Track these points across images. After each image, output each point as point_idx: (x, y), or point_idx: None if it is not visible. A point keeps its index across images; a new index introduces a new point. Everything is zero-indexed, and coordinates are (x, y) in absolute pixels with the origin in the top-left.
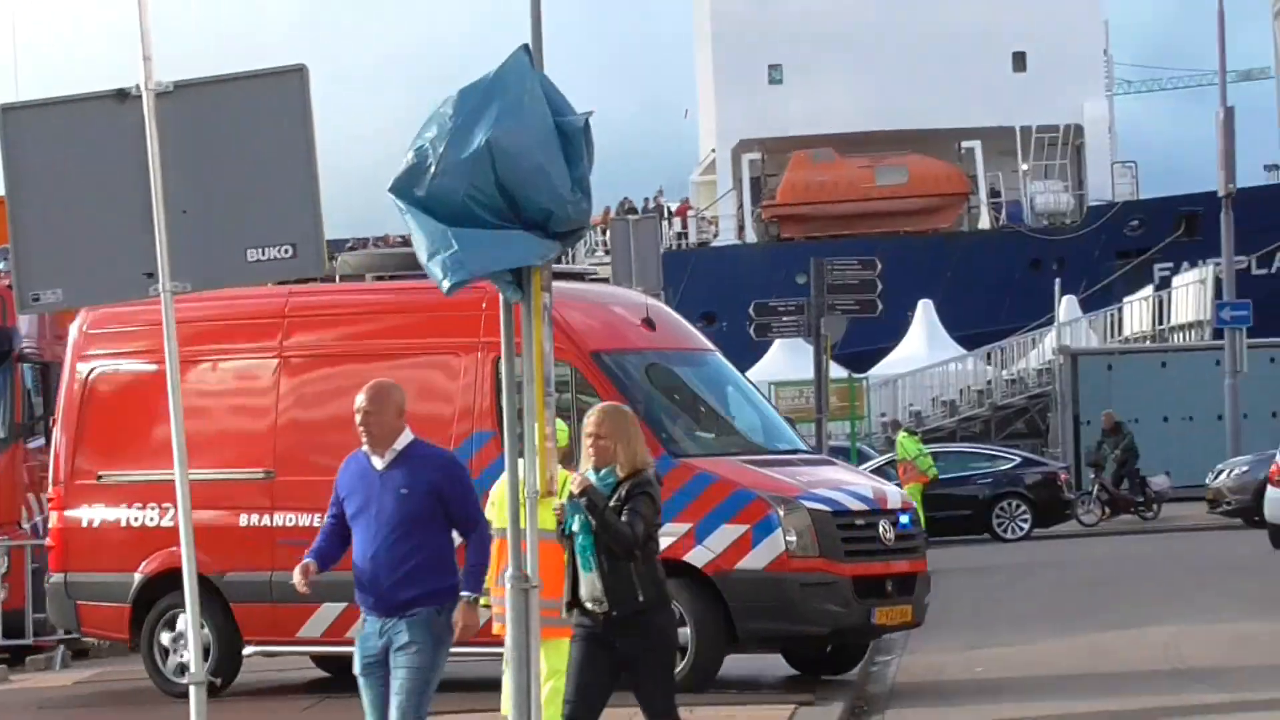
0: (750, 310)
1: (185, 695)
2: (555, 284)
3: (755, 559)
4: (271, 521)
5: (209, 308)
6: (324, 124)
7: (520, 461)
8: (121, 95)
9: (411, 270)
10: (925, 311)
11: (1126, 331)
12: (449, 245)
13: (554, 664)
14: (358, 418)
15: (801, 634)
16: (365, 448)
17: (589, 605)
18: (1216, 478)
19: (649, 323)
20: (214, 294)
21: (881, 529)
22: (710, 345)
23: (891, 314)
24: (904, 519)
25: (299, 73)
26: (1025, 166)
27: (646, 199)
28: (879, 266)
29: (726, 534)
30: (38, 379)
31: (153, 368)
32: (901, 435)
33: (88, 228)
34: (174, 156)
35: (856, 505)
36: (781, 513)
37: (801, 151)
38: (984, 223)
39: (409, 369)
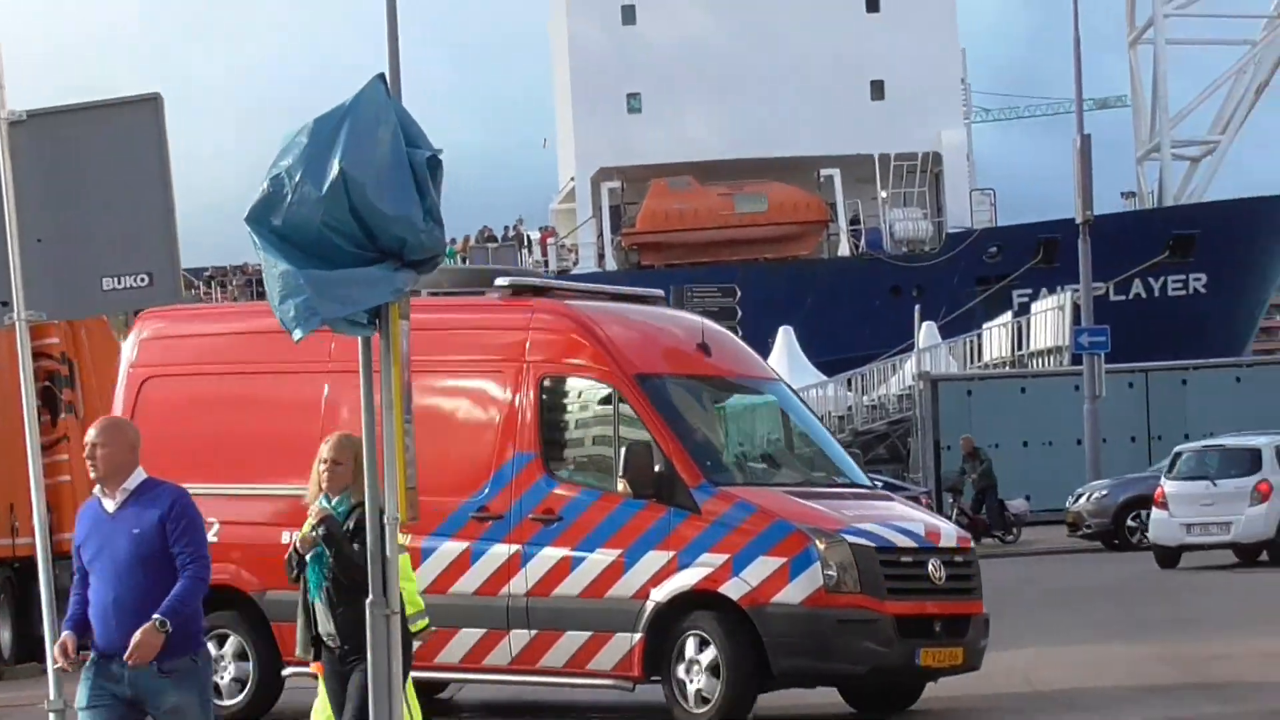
0: None
1: (234, 717)
2: (610, 305)
3: (792, 593)
4: None
5: (262, 322)
6: (184, 151)
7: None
8: None
9: (470, 286)
10: (786, 338)
11: (986, 357)
12: (301, 290)
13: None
14: (85, 451)
15: (839, 673)
16: (97, 490)
17: (326, 640)
18: (1076, 501)
19: (704, 348)
20: (266, 305)
21: (931, 567)
22: (772, 374)
23: (752, 341)
24: (959, 559)
25: (153, 101)
26: (884, 194)
27: (506, 227)
28: (739, 294)
29: (764, 566)
30: None
31: (204, 380)
32: None
33: None
34: (28, 185)
35: (904, 542)
36: (821, 546)
37: (661, 180)
38: (844, 250)
39: (454, 387)
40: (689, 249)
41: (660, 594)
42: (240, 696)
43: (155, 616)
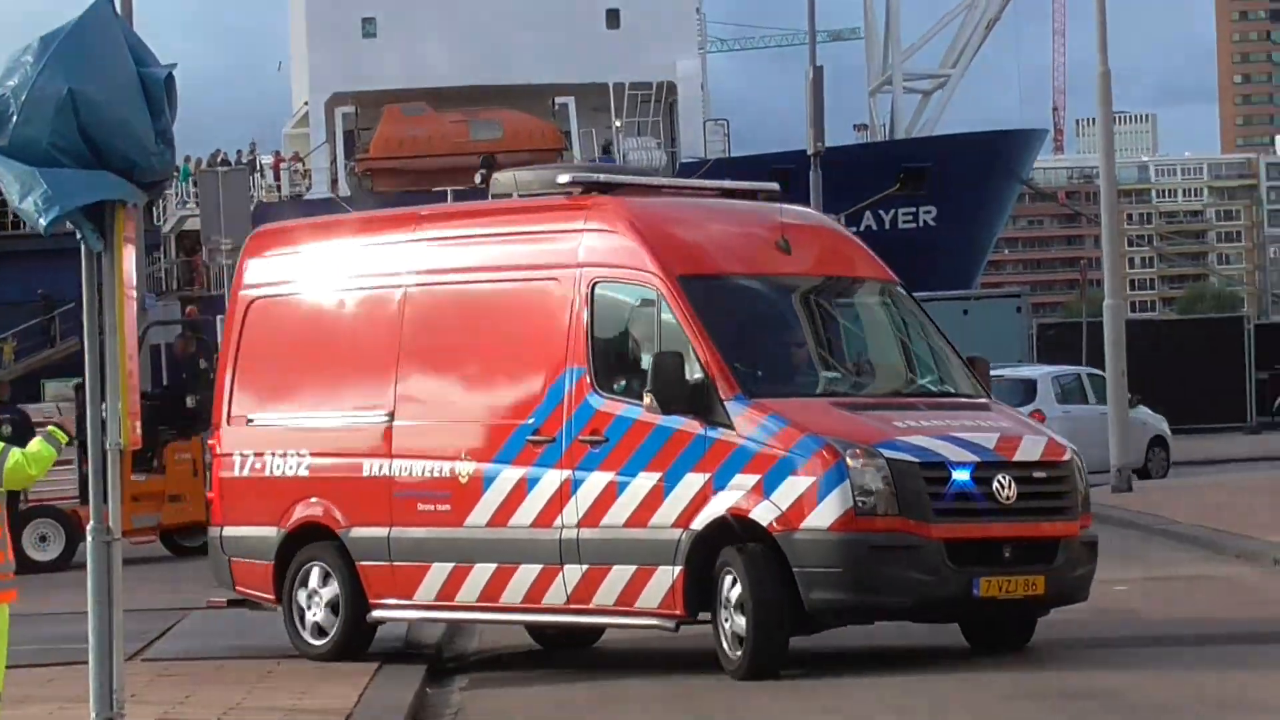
0: None
1: (324, 658)
2: (678, 200)
3: (820, 516)
4: (390, 471)
5: (344, 232)
6: None
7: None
8: None
9: (556, 190)
10: None
11: None
12: (39, 185)
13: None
14: None
15: (877, 607)
16: None
17: None
18: None
19: (784, 245)
20: (349, 217)
21: (997, 484)
22: (880, 271)
23: None
24: (1041, 474)
25: None
26: (619, 123)
27: (240, 151)
28: None
29: (793, 486)
30: None
31: (305, 300)
32: None
33: None
34: None
35: (961, 456)
36: (854, 462)
37: (395, 105)
38: None
39: (512, 300)
40: (423, 175)
41: (697, 523)
42: (328, 638)
43: None
